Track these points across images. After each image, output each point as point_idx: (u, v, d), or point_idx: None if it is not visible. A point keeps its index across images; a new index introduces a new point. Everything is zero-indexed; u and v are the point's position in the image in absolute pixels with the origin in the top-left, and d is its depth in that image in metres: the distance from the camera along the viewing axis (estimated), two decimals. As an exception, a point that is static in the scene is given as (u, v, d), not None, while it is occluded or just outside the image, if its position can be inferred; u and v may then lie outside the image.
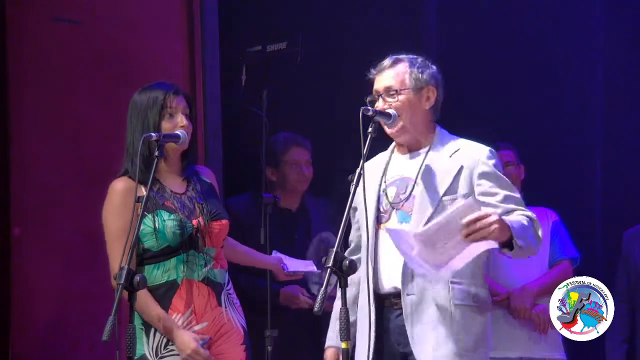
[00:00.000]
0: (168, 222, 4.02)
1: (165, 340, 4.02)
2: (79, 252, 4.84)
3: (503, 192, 3.87)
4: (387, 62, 3.98)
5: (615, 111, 6.06)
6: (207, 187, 4.19)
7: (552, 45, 6.08)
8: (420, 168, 3.91)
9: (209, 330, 4.05)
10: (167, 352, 4.04)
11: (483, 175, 3.88)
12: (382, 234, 3.90)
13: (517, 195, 3.90)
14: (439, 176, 3.88)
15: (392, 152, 4.07)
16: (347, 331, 3.42)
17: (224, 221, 4.13)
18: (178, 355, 4.00)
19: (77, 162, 4.88)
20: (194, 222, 4.05)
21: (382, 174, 4.01)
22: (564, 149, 6.05)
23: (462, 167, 3.89)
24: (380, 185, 3.98)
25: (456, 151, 3.93)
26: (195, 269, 4.05)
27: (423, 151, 3.97)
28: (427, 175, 3.89)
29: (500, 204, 3.84)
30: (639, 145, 5.99)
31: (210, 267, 4.08)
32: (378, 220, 3.93)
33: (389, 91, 3.92)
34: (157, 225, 4.01)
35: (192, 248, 4.05)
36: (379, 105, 3.92)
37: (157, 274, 4.02)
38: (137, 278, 3.66)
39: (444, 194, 3.87)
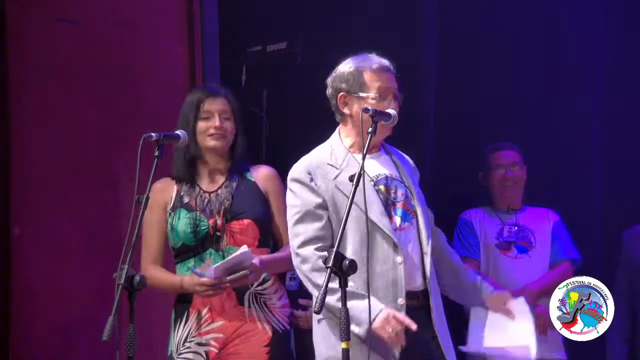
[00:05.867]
0: (182, 220, 4.14)
1: (185, 336, 4.12)
2: (79, 252, 4.84)
3: None
4: (388, 64, 3.99)
5: (616, 111, 6.05)
6: (247, 186, 4.23)
7: (552, 44, 6.07)
8: (398, 168, 3.97)
9: (225, 328, 4.11)
10: (185, 349, 4.14)
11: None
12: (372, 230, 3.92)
13: None
14: (411, 177, 3.98)
15: (347, 151, 3.96)
16: (348, 331, 3.42)
17: (246, 221, 4.16)
18: (193, 351, 4.11)
19: (77, 162, 4.88)
20: (211, 221, 4.12)
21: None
22: (564, 150, 6.04)
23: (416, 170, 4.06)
24: (372, 182, 3.94)
25: (402, 155, 4.05)
26: None
27: (382, 152, 3.99)
28: (407, 175, 3.98)
29: None
30: (639, 144, 5.98)
31: None
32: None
33: (395, 93, 3.93)
34: (174, 224, 4.14)
35: (211, 247, 4.12)
36: (392, 103, 3.89)
37: (183, 272, 4.16)
38: (137, 278, 3.66)
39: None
